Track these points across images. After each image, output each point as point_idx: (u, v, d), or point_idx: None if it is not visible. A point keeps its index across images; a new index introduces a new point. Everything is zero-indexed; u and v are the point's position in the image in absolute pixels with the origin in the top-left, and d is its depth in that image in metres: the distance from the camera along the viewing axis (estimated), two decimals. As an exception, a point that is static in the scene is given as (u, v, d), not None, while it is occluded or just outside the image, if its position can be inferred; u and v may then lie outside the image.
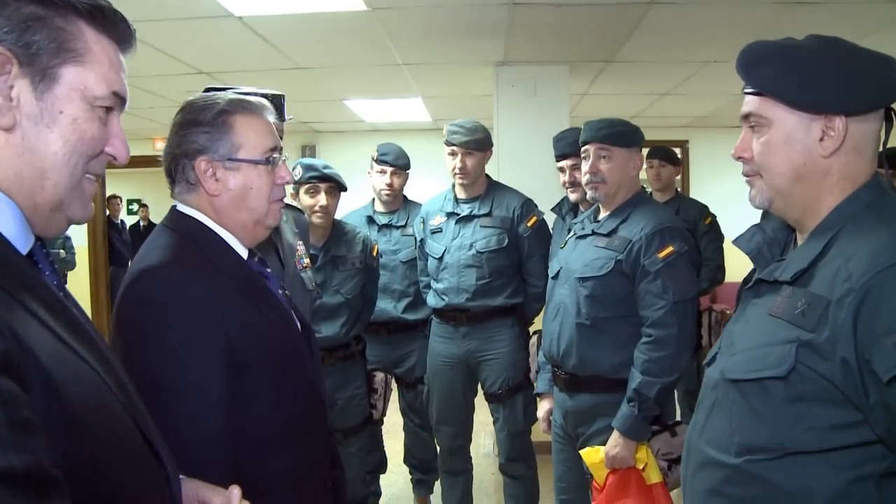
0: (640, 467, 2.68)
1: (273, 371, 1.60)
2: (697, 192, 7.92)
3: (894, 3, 3.91)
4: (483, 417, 3.87)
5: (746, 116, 1.47)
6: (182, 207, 1.64)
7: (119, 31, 1.08)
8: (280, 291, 1.77)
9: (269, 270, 1.77)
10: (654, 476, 2.69)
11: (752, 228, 1.62)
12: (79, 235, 8.33)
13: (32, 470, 0.74)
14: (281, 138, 2.07)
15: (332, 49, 4.92)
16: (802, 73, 1.38)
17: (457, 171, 3.68)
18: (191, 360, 1.46)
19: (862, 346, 1.22)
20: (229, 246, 1.63)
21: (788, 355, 1.30)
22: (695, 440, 1.53)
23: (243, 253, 1.66)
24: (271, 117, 1.70)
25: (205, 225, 1.62)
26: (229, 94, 1.70)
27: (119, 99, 1.07)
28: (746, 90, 1.47)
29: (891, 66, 1.40)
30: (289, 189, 3.24)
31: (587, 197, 2.96)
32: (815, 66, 1.38)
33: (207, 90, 1.99)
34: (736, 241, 1.64)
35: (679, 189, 8.12)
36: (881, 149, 1.45)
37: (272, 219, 1.71)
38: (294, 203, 3.20)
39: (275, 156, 1.66)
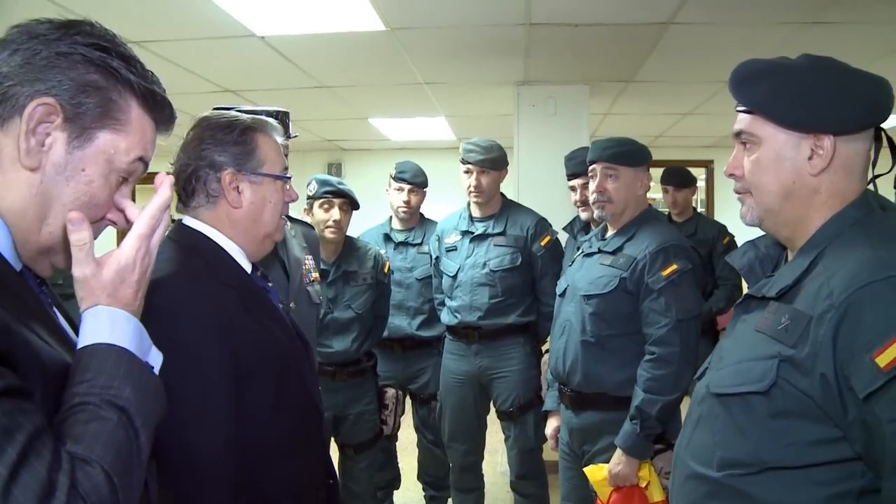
0: (643, 485, 2.68)
1: (274, 381, 1.63)
2: (722, 212, 7.90)
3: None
4: (501, 436, 3.89)
5: (738, 134, 1.49)
6: (188, 221, 1.69)
7: (162, 115, 1.17)
8: (280, 305, 1.82)
9: (270, 284, 1.82)
10: (656, 494, 2.68)
11: (745, 245, 1.63)
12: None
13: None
14: (286, 155, 2.14)
15: (353, 68, 4.99)
16: (792, 92, 1.39)
17: (472, 189, 3.71)
18: (198, 370, 1.49)
19: (841, 362, 1.23)
20: (233, 259, 1.68)
21: (770, 370, 1.31)
22: (681, 454, 1.54)
23: (247, 266, 1.72)
24: (280, 139, 1.78)
25: (210, 238, 1.67)
26: (245, 112, 1.79)
27: (142, 164, 1.14)
28: (738, 108, 1.49)
29: (881, 87, 1.41)
30: (302, 203, 3.31)
31: (594, 216, 2.98)
32: (805, 85, 1.39)
33: (215, 110, 2.06)
34: (730, 257, 1.66)
35: (704, 209, 8.15)
36: (871, 168, 1.46)
37: (279, 234, 1.80)
38: (306, 218, 3.25)
39: (289, 174, 1.77)
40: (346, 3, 3.66)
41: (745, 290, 1.59)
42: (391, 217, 4.26)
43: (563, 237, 3.93)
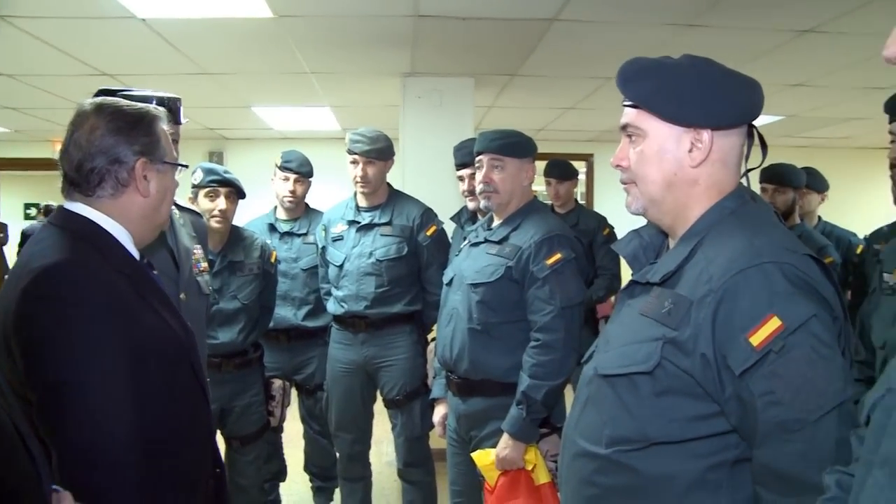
0: (530, 468, 2.74)
1: (168, 371, 1.62)
2: (601, 204, 8.14)
3: (775, 32, 4.14)
4: (387, 426, 3.91)
5: (624, 127, 1.55)
6: (71, 206, 1.65)
7: None
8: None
9: (156, 273, 1.80)
10: (542, 476, 2.75)
11: (630, 234, 1.70)
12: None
13: None
14: (177, 141, 2.12)
15: (238, 55, 4.89)
16: (675, 89, 1.47)
17: (358, 179, 3.71)
18: (97, 357, 1.46)
19: (719, 342, 1.31)
20: (123, 245, 1.65)
21: (654, 352, 1.38)
22: (570, 433, 1.60)
23: (135, 254, 1.69)
24: (167, 126, 1.78)
25: (96, 224, 1.63)
26: (134, 98, 1.81)
27: None
28: (625, 103, 1.55)
29: (754, 88, 1.51)
30: (187, 192, 3.24)
31: (481, 206, 3.03)
32: (686, 83, 1.47)
33: (100, 93, 2.01)
34: (615, 245, 1.73)
35: (584, 201, 8.37)
36: (744, 162, 1.55)
37: (167, 221, 1.87)
38: (192, 207, 3.19)
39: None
40: (234, -12, 3.60)
41: (626, 278, 1.66)
42: (276, 207, 4.21)
43: (449, 227, 3.98)
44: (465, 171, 3.66)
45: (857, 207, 7.09)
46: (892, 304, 2.16)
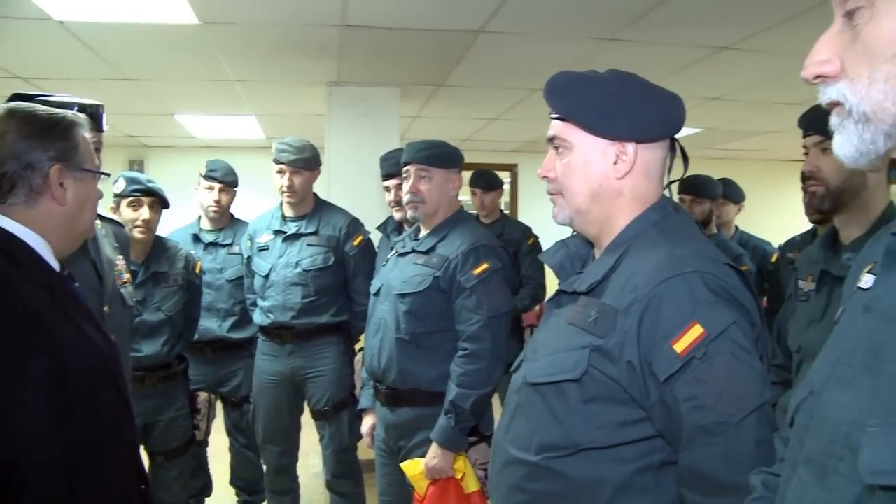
0: (459, 477, 2.75)
1: (90, 385, 1.57)
2: (525, 213, 8.23)
3: (694, 48, 4.26)
4: (314, 438, 3.88)
5: (551, 139, 1.58)
6: None
7: None
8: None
9: (77, 285, 1.75)
10: (472, 485, 2.77)
11: (557, 244, 1.72)
12: None
13: None
14: (100, 150, 2.06)
15: (162, 62, 4.79)
16: (601, 103, 1.50)
17: (284, 189, 3.69)
18: (14, 373, 1.40)
19: (644, 349, 1.35)
20: (42, 258, 1.60)
21: (582, 360, 1.40)
22: (500, 441, 1.61)
23: (55, 265, 1.64)
24: (88, 134, 1.73)
25: (10, 233, 1.57)
26: (54, 104, 1.74)
27: None
28: (552, 115, 1.58)
29: (677, 103, 1.55)
30: (109, 202, 3.17)
31: (408, 216, 3.05)
32: (612, 97, 1.51)
33: (14, 98, 1.94)
34: (542, 256, 1.75)
35: (508, 211, 8.45)
36: (667, 174, 1.59)
37: (90, 232, 1.79)
38: (114, 217, 3.12)
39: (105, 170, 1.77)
40: (159, -7, 3.52)
41: (550, 287, 1.69)
42: (200, 217, 4.15)
43: (375, 237, 3.98)
44: (392, 182, 3.67)
45: (772, 217, 7.32)
46: (807, 309, 2.24)
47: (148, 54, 4.61)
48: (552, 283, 1.70)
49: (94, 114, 2.16)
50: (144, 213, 3.30)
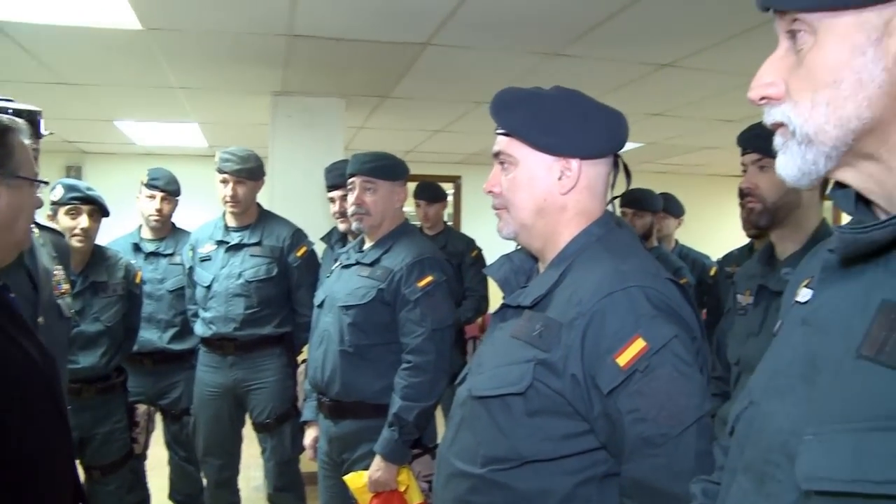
0: (403, 489, 2.76)
1: (24, 398, 1.53)
2: (468, 226, 8.27)
3: (636, 65, 4.33)
4: (254, 450, 3.83)
5: (497, 154, 1.60)
6: None
7: None
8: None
9: (12, 296, 1.71)
10: (415, 497, 2.77)
11: (501, 258, 1.74)
12: None
13: None
14: (37, 157, 2.01)
15: (102, 66, 4.70)
16: (545, 119, 1.53)
17: (227, 199, 3.66)
18: None
19: (588, 363, 1.37)
20: None
21: (527, 373, 1.42)
22: (445, 453, 1.62)
23: None
24: (27, 140, 1.67)
25: None
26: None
27: None
28: (498, 131, 1.60)
29: (619, 120, 1.59)
30: (46, 209, 3.10)
31: (352, 227, 3.04)
32: (556, 113, 1.53)
33: None
34: (487, 270, 1.77)
35: (451, 223, 8.48)
36: (610, 189, 1.62)
37: (28, 241, 1.71)
38: (52, 225, 3.05)
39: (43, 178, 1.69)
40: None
41: (493, 299, 1.70)
42: (140, 226, 4.09)
43: (319, 248, 3.96)
44: (337, 193, 3.66)
45: (711, 231, 7.49)
46: (745, 323, 2.30)
47: (88, 58, 4.51)
48: (495, 296, 1.71)
49: (32, 119, 2.11)
50: (83, 221, 3.24)
